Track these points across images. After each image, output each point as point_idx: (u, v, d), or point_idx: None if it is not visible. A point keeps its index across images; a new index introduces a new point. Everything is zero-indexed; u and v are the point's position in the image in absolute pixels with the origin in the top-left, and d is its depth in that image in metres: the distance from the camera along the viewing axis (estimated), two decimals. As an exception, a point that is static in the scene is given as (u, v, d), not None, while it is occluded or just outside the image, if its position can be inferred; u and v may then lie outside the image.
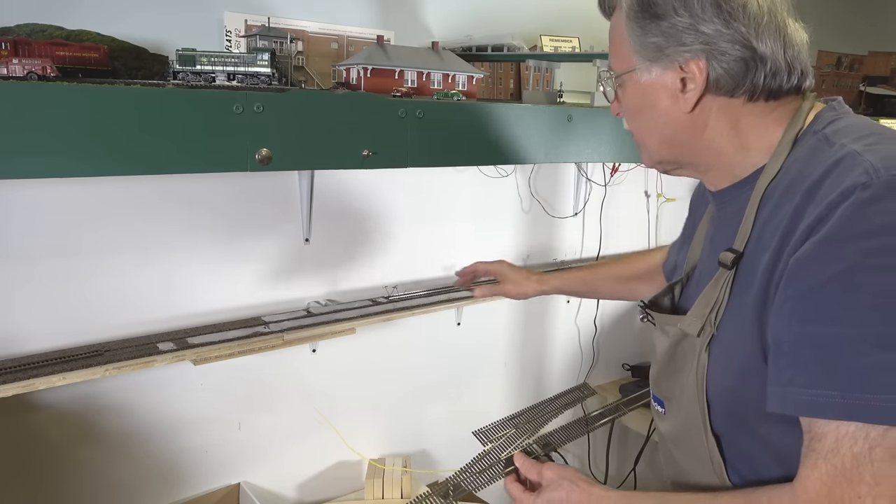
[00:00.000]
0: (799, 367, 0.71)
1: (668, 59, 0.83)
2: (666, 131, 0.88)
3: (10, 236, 1.24)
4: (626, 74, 0.88)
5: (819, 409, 0.69)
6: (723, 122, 0.85)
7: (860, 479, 0.68)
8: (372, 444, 1.84)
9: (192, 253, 1.45)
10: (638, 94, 0.88)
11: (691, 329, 0.86)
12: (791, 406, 0.71)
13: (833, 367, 0.68)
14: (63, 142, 0.93)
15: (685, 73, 0.83)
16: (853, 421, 0.68)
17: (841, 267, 0.68)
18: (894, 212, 0.67)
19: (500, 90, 1.85)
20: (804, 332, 0.71)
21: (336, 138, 1.18)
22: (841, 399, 0.68)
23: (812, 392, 0.69)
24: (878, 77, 2.34)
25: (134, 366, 1.25)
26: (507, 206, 1.99)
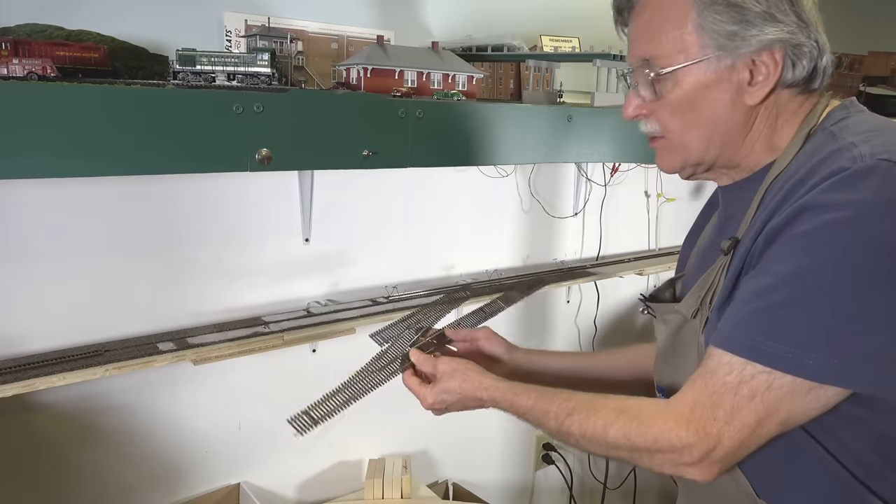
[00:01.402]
0: (737, 309, 0.77)
1: (743, 48, 0.80)
2: (721, 129, 0.85)
3: (10, 236, 1.24)
4: (686, 67, 0.82)
5: (733, 346, 0.75)
6: (768, 117, 0.85)
7: (721, 404, 0.75)
8: (372, 444, 1.84)
9: (191, 253, 1.45)
10: (697, 88, 0.83)
11: (686, 311, 0.88)
12: (714, 339, 0.78)
13: (759, 313, 0.74)
14: (63, 142, 0.93)
15: (754, 65, 0.81)
16: (737, 356, 0.74)
17: (796, 231, 0.73)
18: (861, 190, 0.71)
19: (500, 90, 1.85)
20: (755, 280, 0.77)
21: (336, 138, 1.18)
22: (754, 341, 0.74)
23: (737, 332, 0.76)
24: (878, 77, 2.34)
25: (134, 366, 1.25)
26: (507, 206, 1.99)
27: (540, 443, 2.25)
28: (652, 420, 0.80)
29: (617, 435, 0.82)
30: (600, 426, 0.84)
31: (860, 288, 0.70)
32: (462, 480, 2.01)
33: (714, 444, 0.76)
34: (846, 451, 0.79)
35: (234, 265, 1.51)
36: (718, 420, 0.75)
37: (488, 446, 2.14)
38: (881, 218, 0.69)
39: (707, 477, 0.78)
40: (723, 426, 0.75)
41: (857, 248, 0.70)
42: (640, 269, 2.11)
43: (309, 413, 1.02)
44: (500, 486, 2.20)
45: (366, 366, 1.12)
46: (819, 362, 0.71)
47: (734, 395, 0.74)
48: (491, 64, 1.80)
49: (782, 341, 0.72)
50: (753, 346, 0.73)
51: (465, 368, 1.01)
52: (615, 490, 2.41)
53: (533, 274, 1.97)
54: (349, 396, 1.08)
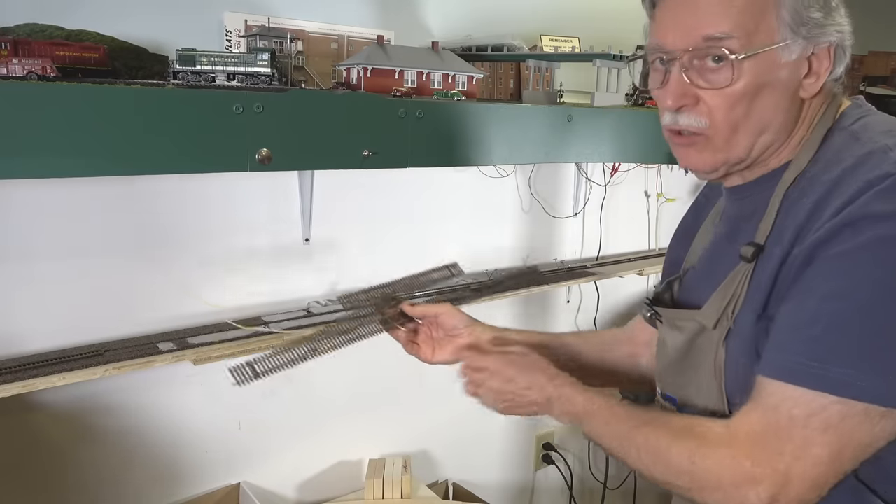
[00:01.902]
0: (792, 336, 0.72)
1: (820, 37, 0.76)
2: (774, 125, 0.80)
3: (10, 236, 1.24)
4: (765, 52, 0.75)
5: (795, 377, 0.70)
6: (808, 115, 0.82)
7: (789, 439, 0.70)
8: (372, 444, 1.84)
9: (191, 252, 1.45)
10: (767, 76, 0.76)
11: (707, 321, 0.84)
12: (772, 370, 0.73)
13: (819, 338, 0.70)
14: (63, 142, 0.93)
15: (814, 57, 0.78)
16: (801, 387, 0.69)
17: (848, 246, 0.69)
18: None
19: (500, 90, 1.85)
20: (804, 304, 0.72)
21: (336, 138, 1.18)
22: (818, 370, 0.69)
23: (796, 360, 0.71)
24: (878, 77, 2.34)
25: (134, 366, 1.25)
26: (507, 206, 1.99)
27: (540, 443, 2.25)
28: (717, 443, 0.75)
29: (680, 455, 0.77)
30: (665, 442, 0.79)
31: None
32: (462, 480, 2.01)
33: (782, 482, 0.70)
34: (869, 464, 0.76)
35: (235, 265, 1.51)
36: (786, 455, 0.70)
37: (488, 446, 2.14)
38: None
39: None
40: (792, 462, 0.69)
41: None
42: (640, 269, 2.11)
43: (253, 365, 0.98)
44: (500, 486, 2.20)
45: (323, 329, 1.07)
46: (888, 386, 0.67)
47: (803, 427, 0.69)
48: (491, 64, 1.80)
49: (849, 367, 0.67)
50: (819, 376, 0.69)
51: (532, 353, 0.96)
52: (615, 490, 2.41)
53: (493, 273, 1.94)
54: (298, 356, 1.03)
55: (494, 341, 1.06)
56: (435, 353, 1.10)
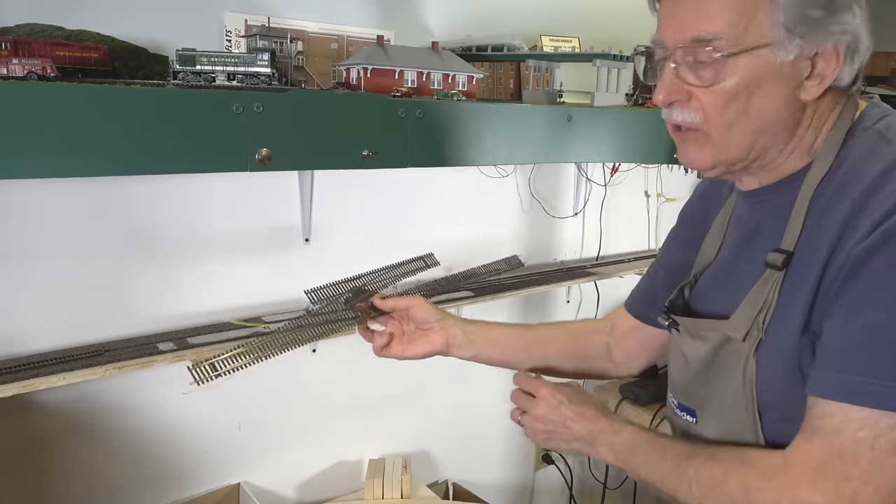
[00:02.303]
0: (848, 353, 0.69)
1: (821, 37, 0.73)
2: (771, 126, 0.77)
3: (10, 236, 1.24)
4: (756, 51, 0.73)
5: (857, 396, 0.67)
6: (815, 117, 0.78)
7: (855, 463, 0.67)
8: (372, 444, 1.84)
9: (192, 253, 1.44)
10: (760, 76, 0.74)
11: (737, 333, 0.81)
12: (829, 391, 0.69)
13: (878, 353, 0.67)
14: (63, 142, 0.93)
15: (817, 57, 0.74)
16: (867, 408, 0.66)
17: (890, 257, 0.67)
18: None
19: (500, 90, 1.85)
20: (857, 319, 0.69)
21: (336, 138, 1.18)
22: (879, 387, 0.66)
23: (855, 379, 0.68)
24: (878, 77, 2.34)
25: (134, 366, 1.25)
26: (507, 206, 1.99)
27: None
28: (775, 475, 0.73)
29: (735, 486, 0.75)
30: (719, 473, 0.77)
31: None
32: (462, 480, 2.01)
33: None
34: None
35: (235, 265, 1.51)
36: (853, 480, 0.67)
37: (488, 446, 2.14)
38: None
39: None
40: (859, 487, 0.67)
41: None
42: (640, 269, 2.11)
43: (213, 363, 0.95)
44: (500, 486, 2.20)
45: (288, 324, 1.05)
46: None
47: (871, 450, 0.66)
48: (491, 64, 1.80)
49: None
50: (882, 393, 0.66)
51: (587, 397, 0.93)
52: (615, 490, 2.41)
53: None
54: (260, 354, 1.01)
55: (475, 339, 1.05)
56: (406, 348, 1.08)
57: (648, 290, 1.07)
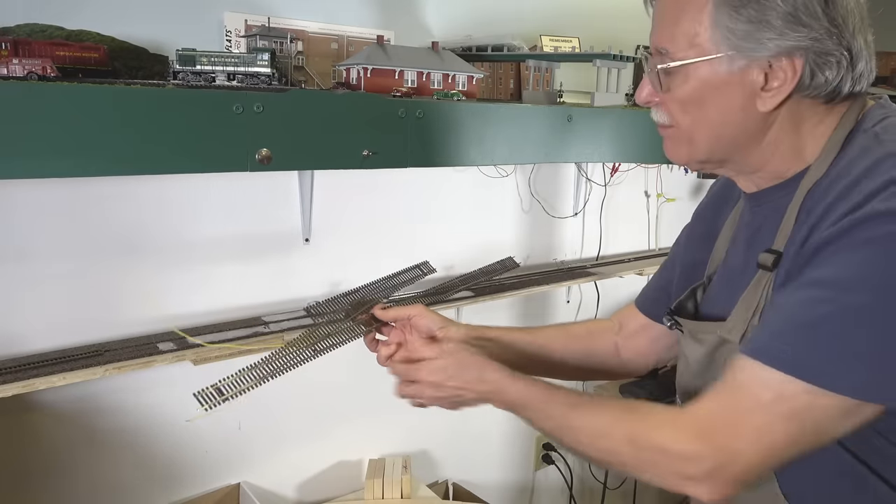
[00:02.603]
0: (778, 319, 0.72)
1: (760, 51, 0.74)
2: (728, 131, 0.80)
3: (10, 236, 1.24)
4: (697, 63, 0.77)
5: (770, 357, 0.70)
6: (789, 123, 0.79)
7: (749, 421, 0.69)
8: (372, 444, 1.84)
9: (192, 252, 1.45)
10: (707, 87, 0.78)
11: (732, 336, 0.82)
12: (750, 349, 0.72)
13: (803, 324, 0.69)
14: (63, 142, 0.93)
15: (771, 70, 0.75)
16: (778, 371, 0.68)
17: (853, 240, 0.68)
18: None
19: (500, 90, 1.85)
20: (799, 292, 0.72)
21: (336, 138, 1.18)
22: (794, 355, 0.68)
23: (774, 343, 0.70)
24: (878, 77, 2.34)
25: (134, 366, 1.25)
26: (507, 206, 1.99)
27: (540, 443, 2.25)
28: (663, 423, 0.75)
29: (623, 433, 0.77)
30: (607, 421, 0.79)
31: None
32: (462, 480, 2.01)
33: (728, 461, 0.70)
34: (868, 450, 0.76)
35: (235, 265, 1.51)
36: (742, 439, 0.69)
37: (488, 446, 2.14)
38: None
39: (715, 496, 0.71)
40: (746, 445, 0.69)
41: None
42: (640, 269, 2.11)
43: (218, 387, 0.94)
44: (500, 486, 2.20)
45: (291, 341, 1.05)
46: (868, 380, 0.66)
47: (767, 413, 0.69)
48: (491, 64, 1.80)
49: (829, 356, 0.67)
50: (797, 362, 0.68)
51: (469, 350, 0.95)
52: (615, 490, 2.41)
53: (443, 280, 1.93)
54: (267, 372, 1.00)
55: (445, 338, 1.04)
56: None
57: (660, 289, 1.07)
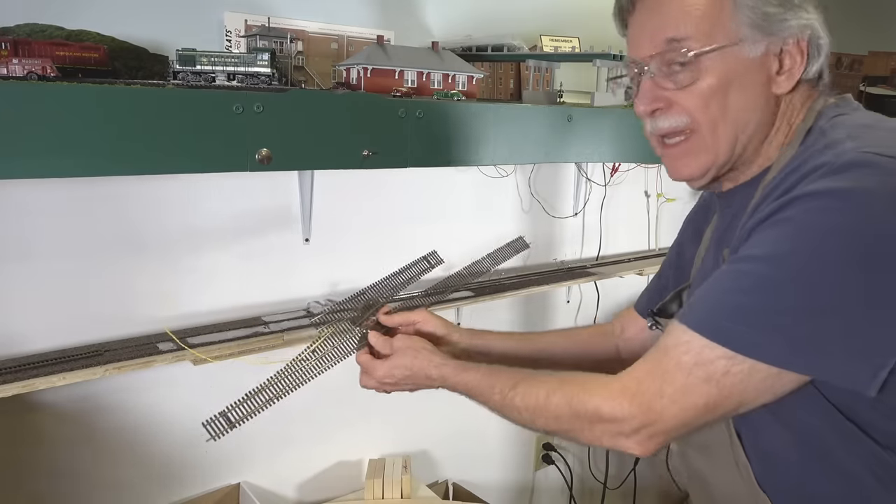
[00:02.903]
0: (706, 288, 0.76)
1: (783, 32, 0.78)
2: (751, 121, 0.81)
3: (10, 236, 1.24)
4: (722, 50, 0.77)
5: (693, 323, 0.74)
6: (785, 112, 0.83)
7: (671, 382, 0.74)
8: (372, 444, 1.84)
9: (192, 253, 1.44)
10: (732, 74, 0.78)
11: None
12: (677, 315, 0.76)
13: (725, 292, 0.74)
14: (63, 142, 0.93)
15: (782, 53, 0.79)
16: (700, 336, 0.72)
17: (776, 219, 0.72)
18: (841, 180, 0.69)
19: (500, 90, 1.85)
20: (729, 265, 0.76)
21: (336, 138, 1.18)
22: (713, 321, 0.72)
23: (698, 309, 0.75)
24: (878, 77, 2.34)
25: (134, 366, 1.25)
26: (507, 206, 1.99)
27: (540, 443, 2.25)
28: (596, 389, 0.79)
29: (559, 402, 0.82)
30: (543, 394, 0.83)
31: (828, 277, 0.68)
32: (462, 480, 2.01)
33: (654, 420, 0.75)
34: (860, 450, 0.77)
35: (234, 265, 1.51)
36: (665, 398, 0.74)
37: (488, 446, 2.14)
38: (857, 207, 0.67)
39: (643, 451, 0.77)
40: (668, 404, 0.74)
41: (830, 234, 0.68)
42: (640, 269, 2.11)
43: (227, 415, 0.96)
44: (500, 486, 2.20)
45: (297, 357, 1.08)
46: (781, 348, 0.69)
47: (687, 375, 0.73)
48: (491, 64, 1.80)
49: (746, 324, 0.70)
50: (716, 328, 0.72)
51: (419, 346, 1.02)
52: (615, 490, 2.41)
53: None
54: (274, 393, 1.03)
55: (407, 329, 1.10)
56: None
57: (657, 292, 1.10)
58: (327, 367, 1.06)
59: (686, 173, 0.86)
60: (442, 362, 0.97)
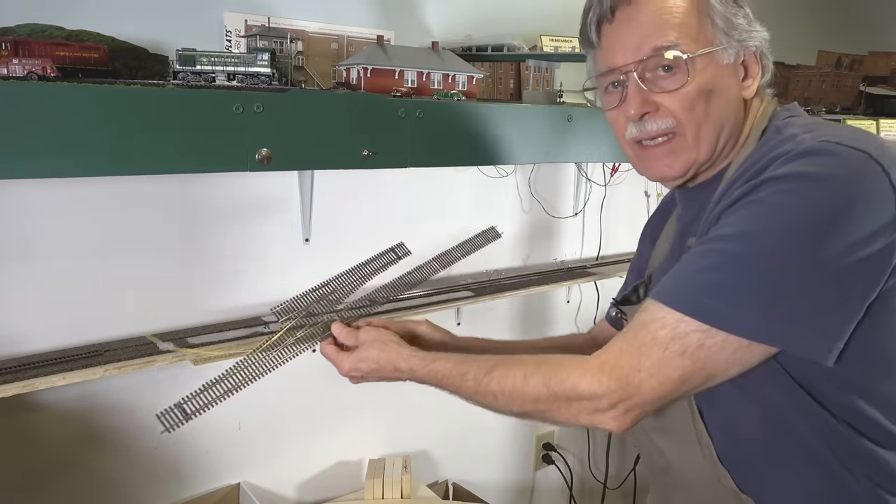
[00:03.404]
0: (679, 266, 0.80)
1: (746, 42, 0.86)
2: (729, 122, 0.88)
3: (10, 236, 1.24)
4: (707, 54, 0.84)
5: (668, 298, 0.77)
6: (744, 114, 0.90)
7: (648, 356, 0.77)
8: (372, 444, 1.84)
9: (191, 253, 1.45)
10: (714, 78, 0.85)
11: None
12: (653, 292, 0.80)
13: (697, 269, 0.77)
14: (63, 142, 0.93)
15: (748, 62, 0.88)
16: (675, 311, 0.76)
17: (744, 201, 0.77)
18: (804, 164, 0.75)
19: (500, 90, 1.85)
20: (700, 245, 0.80)
21: (336, 138, 1.18)
22: (687, 296, 0.76)
23: (672, 285, 0.79)
24: (878, 77, 2.34)
25: (134, 366, 1.25)
26: (507, 206, 1.99)
27: (540, 443, 2.25)
28: (573, 368, 0.81)
29: (537, 384, 0.83)
30: (520, 378, 0.85)
31: (797, 255, 0.72)
32: (462, 480, 2.01)
33: (632, 393, 0.78)
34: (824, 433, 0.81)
35: (234, 265, 1.51)
36: (642, 371, 0.77)
37: (488, 446, 2.14)
38: (823, 189, 0.73)
39: (620, 425, 0.79)
40: (645, 377, 0.77)
41: (797, 215, 0.73)
42: (640, 269, 2.11)
43: (182, 406, 0.94)
44: (500, 486, 2.20)
45: (255, 349, 1.06)
46: (750, 321, 0.73)
47: (664, 349, 0.76)
48: (491, 64, 1.80)
49: (718, 299, 0.74)
50: (692, 303, 0.75)
51: (386, 339, 1.03)
52: (615, 490, 2.41)
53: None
54: (232, 385, 1.00)
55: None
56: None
57: (621, 292, 1.15)
58: (288, 359, 1.06)
59: (669, 173, 0.90)
60: (410, 354, 0.99)
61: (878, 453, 0.80)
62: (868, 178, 0.73)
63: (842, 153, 0.74)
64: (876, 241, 0.72)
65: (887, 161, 0.74)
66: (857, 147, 0.75)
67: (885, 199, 0.73)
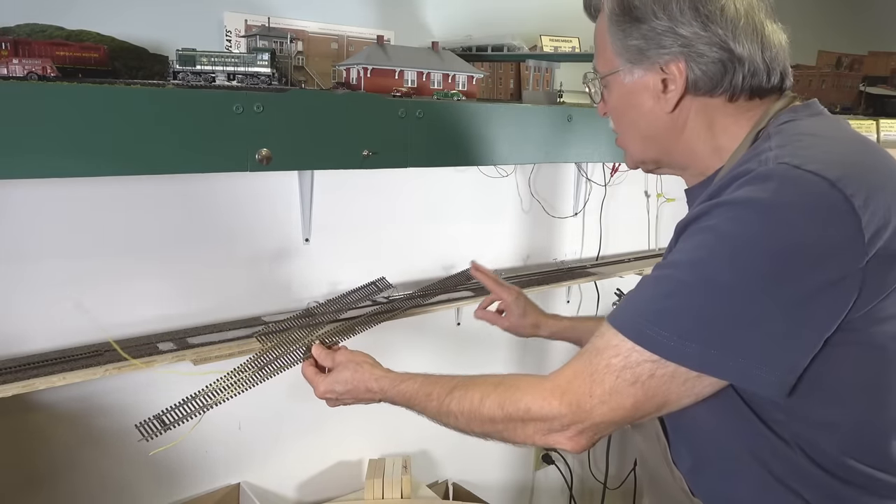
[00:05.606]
0: (634, 292, 0.82)
1: (648, 60, 0.87)
2: (648, 132, 0.92)
3: (10, 236, 1.24)
4: (611, 76, 0.91)
5: (623, 327, 0.78)
6: (701, 122, 0.88)
7: (601, 383, 0.78)
8: (372, 444, 1.84)
9: (191, 253, 1.45)
10: (622, 95, 0.92)
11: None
12: (609, 317, 0.82)
13: (651, 297, 0.78)
14: (63, 142, 0.93)
15: (666, 75, 0.86)
16: (628, 340, 0.77)
17: (698, 225, 0.77)
18: (757, 191, 0.73)
19: (500, 90, 1.85)
20: (655, 270, 0.81)
21: (336, 138, 1.18)
22: (640, 326, 0.76)
23: (627, 313, 0.79)
24: (878, 77, 2.34)
25: (134, 366, 1.25)
26: (507, 206, 1.99)
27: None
28: (527, 389, 0.84)
29: (492, 405, 0.86)
30: (477, 399, 0.89)
31: (742, 286, 0.71)
32: (462, 480, 2.01)
33: (584, 418, 0.79)
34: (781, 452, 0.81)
35: (234, 265, 1.51)
36: (594, 398, 0.78)
37: (488, 446, 2.11)
38: (772, 218, 0.71)
39: (575, 446, 0.82)
40: (597, 404, 0.78)
41: (745, 245, 0.72)
42: (640, 269, 2.11)
43: (161, 417, 0.98)
44: (500, 486, 2.20)
45: (235, 369, 1.13)
46: (699, 353, 0.73)
47: (615, 377, 0.77)
48: (491, 64, 1.80)
49: (668, 329, 0.74)
50: (642, 332, 0.76)
51: (360, 360, 1.07)
52: (615, 490, 2.41)
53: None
54: (210, 401, 1.06)
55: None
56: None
57: None
58: (266, 378, 1.11)
59: (626, 162, 1.00)
60: (382, 374, 1.03)
61: (831, 483, 0.79)
62: (822, 208, 0.70)
63: (799, 179, 0.71)
64: (830, 273, 0.70)
65: (852, 188, 0.70)
66: (818, 173, 0.71)
67: (843, 228, 0.69)
